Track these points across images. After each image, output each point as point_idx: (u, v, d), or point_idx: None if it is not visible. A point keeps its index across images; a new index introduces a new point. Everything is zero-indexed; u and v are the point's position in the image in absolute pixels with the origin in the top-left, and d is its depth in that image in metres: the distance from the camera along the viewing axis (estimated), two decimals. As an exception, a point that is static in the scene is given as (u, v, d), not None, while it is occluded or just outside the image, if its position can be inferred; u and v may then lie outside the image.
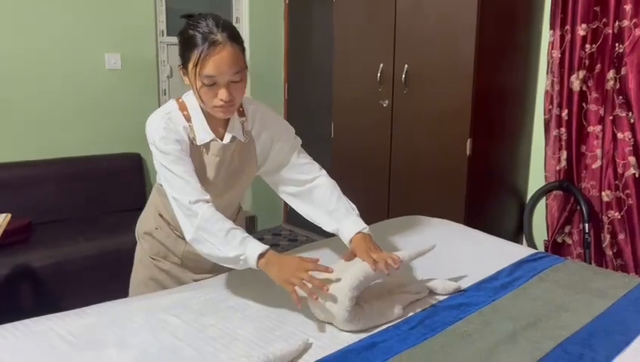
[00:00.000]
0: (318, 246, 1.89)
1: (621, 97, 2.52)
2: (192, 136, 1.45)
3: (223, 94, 1.35)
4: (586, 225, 2.67)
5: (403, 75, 2.76)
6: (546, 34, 2.78)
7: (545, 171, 2.87)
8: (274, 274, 1.31)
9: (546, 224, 2.90)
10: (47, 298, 2.56)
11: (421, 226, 2.10)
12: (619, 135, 2.55)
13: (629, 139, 2.52)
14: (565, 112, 2.70)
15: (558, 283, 1.59)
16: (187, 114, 1.46)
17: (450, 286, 1.52)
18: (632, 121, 2.49)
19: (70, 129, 3.26)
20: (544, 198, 2.90)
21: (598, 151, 2.66)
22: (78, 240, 2.83)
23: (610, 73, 2.55)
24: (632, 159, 2.52)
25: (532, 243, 2.93)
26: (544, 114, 2.81)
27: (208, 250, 1.35)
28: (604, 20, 2.53)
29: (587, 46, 2.59)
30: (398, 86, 2.81)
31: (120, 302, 1.46)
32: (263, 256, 1.31)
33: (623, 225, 2.59)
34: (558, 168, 2.79)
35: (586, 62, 2.61)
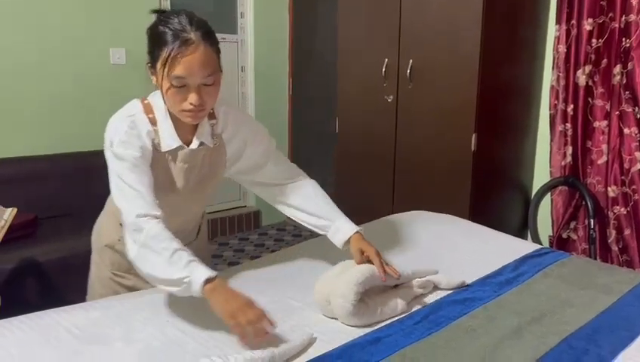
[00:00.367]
0: (322, 241, 1.88)
1: (628, 92, 2.51)
2: (156, 142, 1.35)
3: (192, 98, 1.26)
4: (592, 221, 2.66)
5: (408, 70, 2.75)
6: (551, 28, 2.76)
7: (550, 166, 2.86)
8: (219, 303, 1.17)
9: (551, 219, 2.89)
10: (53, 292, 2.57)
11: (426, 221, 2.09)
12: (625, 130, 2.54)
13: (636, 134, 2.51)
14: (571, 107, 2.69)
15: (563, 278, 1.59)
16: (153, 117, 1.36)
17: (454, 281, 1.52)
18: (638, 116, 2.48)
19: (75, 124, 3.27)
20: (549, 194, 2.89)
21: (604, 147, 2.65)
22: (84, 235, 2.80)
23: (617, 68, 2.53)
24: (638, 154, 2.51)
25: (537, 239, 2.92)
26: (549, 109, 2.80)
27: (149, 270, 1.22)
28: (611, 15, 2.51)
29: (593, 41, 2.58)
30: (402, 81, 2.80)
31: (126, 296, 1.47)
32: (210, 282, 1.18)
33: (629, 221, 2.58)
34: (563, 163, 2.78)
35: (592, 57, 2.60)
